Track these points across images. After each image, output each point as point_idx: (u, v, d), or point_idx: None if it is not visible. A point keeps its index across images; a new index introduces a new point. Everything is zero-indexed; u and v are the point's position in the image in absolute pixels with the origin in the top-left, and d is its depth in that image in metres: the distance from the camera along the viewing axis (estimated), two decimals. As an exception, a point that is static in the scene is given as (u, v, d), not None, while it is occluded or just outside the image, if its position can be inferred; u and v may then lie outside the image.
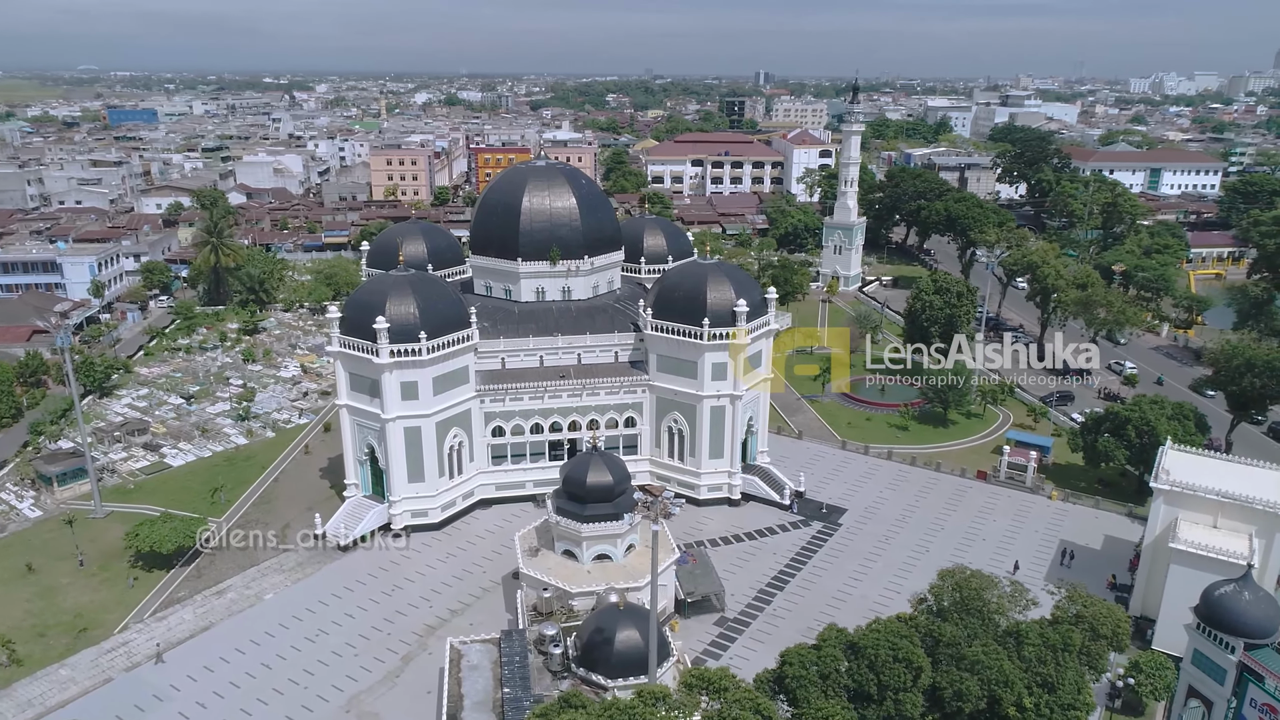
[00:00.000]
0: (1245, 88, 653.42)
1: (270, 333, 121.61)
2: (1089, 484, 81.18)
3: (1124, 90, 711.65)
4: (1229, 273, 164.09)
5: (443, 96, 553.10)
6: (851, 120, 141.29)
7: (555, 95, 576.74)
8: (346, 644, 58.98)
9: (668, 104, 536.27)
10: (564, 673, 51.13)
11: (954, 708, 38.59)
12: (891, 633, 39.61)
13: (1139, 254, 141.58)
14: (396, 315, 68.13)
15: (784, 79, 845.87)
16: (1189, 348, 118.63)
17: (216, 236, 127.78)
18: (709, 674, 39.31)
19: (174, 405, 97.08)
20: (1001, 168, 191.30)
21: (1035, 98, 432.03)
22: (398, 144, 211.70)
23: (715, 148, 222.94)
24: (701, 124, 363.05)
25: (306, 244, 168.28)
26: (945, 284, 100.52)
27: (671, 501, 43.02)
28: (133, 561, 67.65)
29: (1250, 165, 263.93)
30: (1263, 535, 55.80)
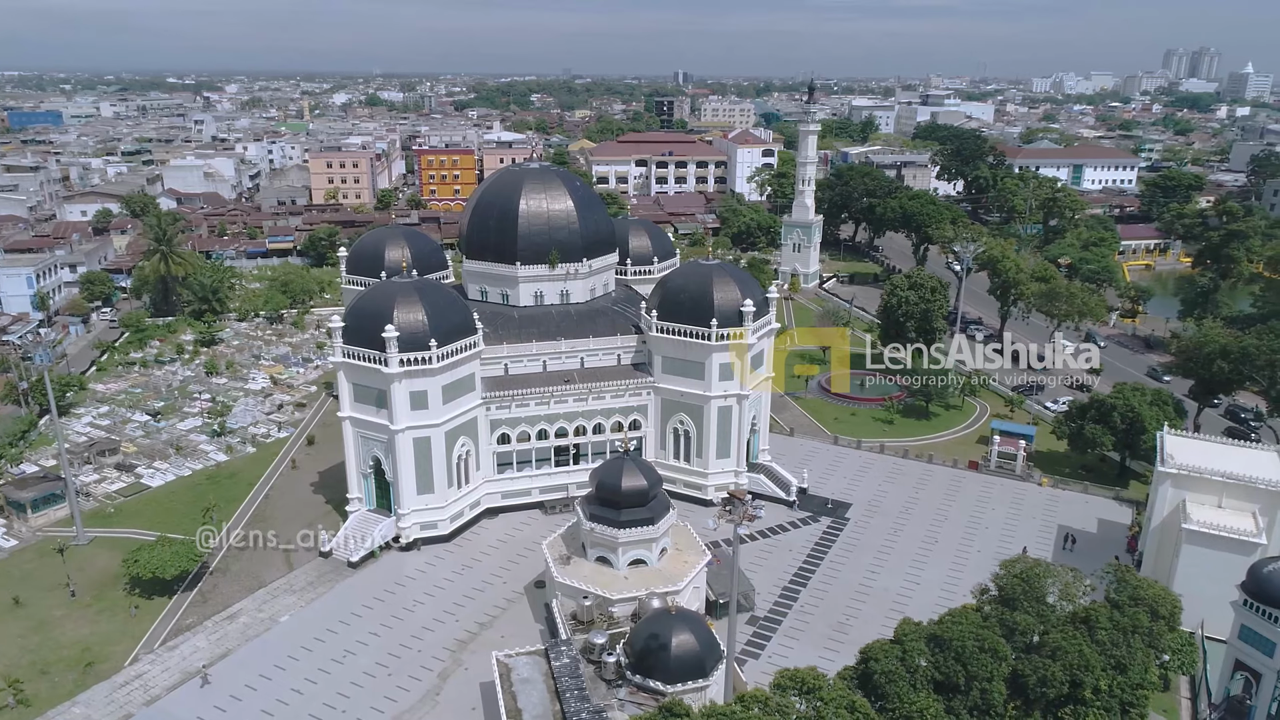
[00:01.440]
0: (1139, 87, 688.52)
1: (228, 343, 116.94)
2: (1073, 470, 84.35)
3: (1027, 90, 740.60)
4: (1157, 264, 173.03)
5: (363, 97, 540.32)
6: (808, 120, 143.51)
7: (479, 95, 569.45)
8: (378, 663, 57.21)
9: (592, 104, 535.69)
10: (619, 681, 50.66)
11: (1038, 694, 39.71)
12: (973, 623, 40.47)
13: (1079, 247, 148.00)
14: (405, 323, 66.37)
15: (703, 79, 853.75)
16: (1136, 335, 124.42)
17: (166, 244, 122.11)
18: (800, 674, 39.51)
19: (140, 422, 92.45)
20: (940, 165, 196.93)
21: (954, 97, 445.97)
22: (337, 146, 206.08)
23: (658, 148, 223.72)
24: (632, 124, 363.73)
25: (249, 250, 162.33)
26: (919, 280, 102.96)
27: (753, 505, 43.03)
28: (129, 589, 64.34)
29: (1159, 161, 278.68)
30: (1266, 513, 58.90)
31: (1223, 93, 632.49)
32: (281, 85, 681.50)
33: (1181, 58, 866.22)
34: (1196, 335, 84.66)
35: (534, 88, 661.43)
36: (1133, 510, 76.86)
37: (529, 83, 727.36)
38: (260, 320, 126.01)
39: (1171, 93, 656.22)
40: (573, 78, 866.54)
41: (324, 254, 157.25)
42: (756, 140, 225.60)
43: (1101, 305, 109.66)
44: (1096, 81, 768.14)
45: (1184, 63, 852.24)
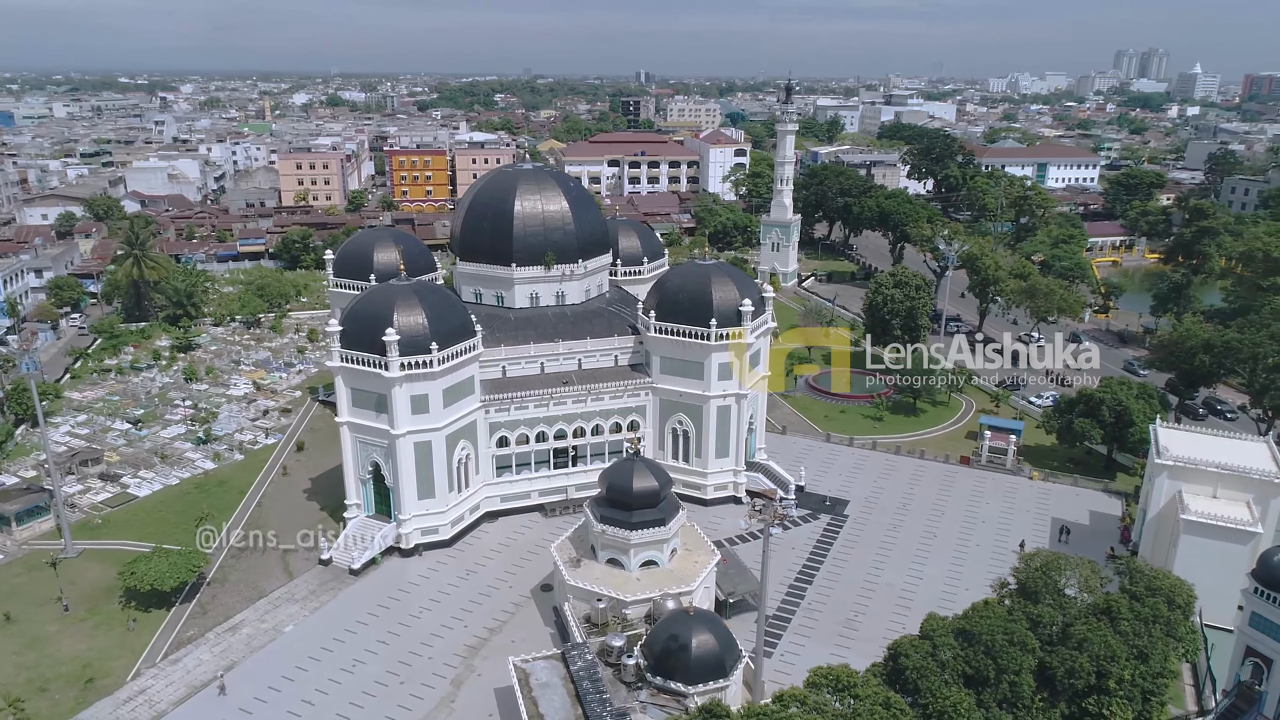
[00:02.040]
0: (1092, 87, 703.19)
1: (206, 349, 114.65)
2: (1061, 463, 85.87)
3: (984, 90, 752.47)
4: (1124, 260, 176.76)
5: (324, 97, 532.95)
6: (785, 120, 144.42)
7: (442, 95, 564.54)
8: (388, 671, 56.45)
9: (556, 104, 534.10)
10: (639, 683, 50.53)
11: (1065, 685, 40.37)
12: (1000, 617, 41.01)
13: (1049, 245, 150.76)
14: (406, 326, 65.57)
15: (665, 79, 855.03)
16: (1110, 331, 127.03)
17: (139, 248, 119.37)
18: (833, 671, 39.74)
19: (121, 431, 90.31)
20: (910, 164, 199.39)
21: (917, 97, 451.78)
22: (307, 147, 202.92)
23: (631, 148, 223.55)
24: (599, 124, 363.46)
25: (220, 254, 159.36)
26: (904, 278, 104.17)
27: (782, 505, 43.14)
28: (125, 602, 62.80)
29: (1117, 159, 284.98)
30: (1259, 502, 60.45)
31: (1173, 92, 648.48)
32: (238, 85, 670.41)
33: (1131, 58, 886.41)
34: (1178, 329, 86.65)
35: (496, 88, 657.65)
36: (1122, 502, 78.45)
37: (491, 83, 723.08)
38: (237, 325, 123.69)
39: (1123, 92, 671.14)
40: (534, 78, 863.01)
41: (298, 257, 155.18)
42: (728, 140, 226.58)
43: (1080, 301, 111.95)
44: (1050, 81, 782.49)
45: (1134, 63, 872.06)
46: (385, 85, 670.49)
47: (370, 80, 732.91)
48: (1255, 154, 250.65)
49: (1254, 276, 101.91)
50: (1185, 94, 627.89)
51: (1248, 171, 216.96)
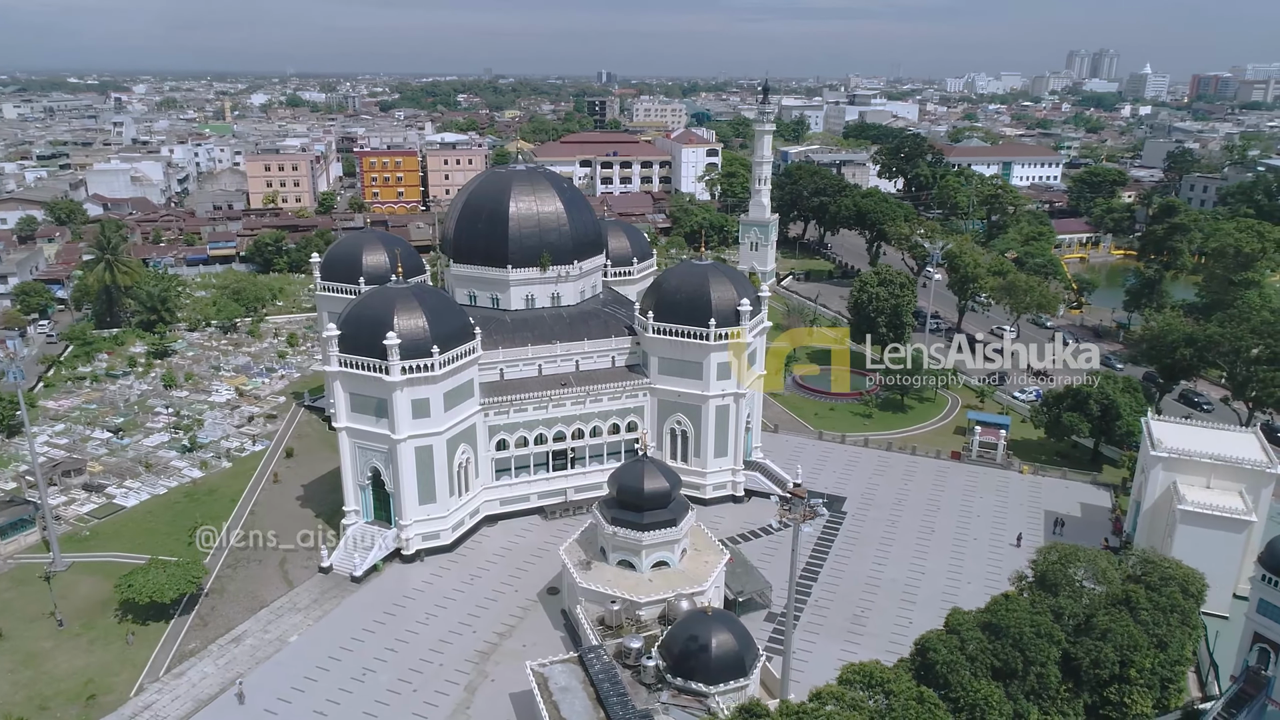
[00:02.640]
0: (1047, 87, 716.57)
1: (183, 355, 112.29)
2: (1048, 457, 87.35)
3: (942, 89, 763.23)
4: (1091, 256, 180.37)
5: (283, 98, 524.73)
6: (763, 120, 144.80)
7: (403, 96, 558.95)
8: (400, 680, 55.73)
9: (520, 104, 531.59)
10: (658, 685, 50.45)
11: (1090, 675, 41.09)
12: (1025, 609, 41.61)
13: (1020, 242, 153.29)
14: (407, 330, 64.79)
15: (627, 79, 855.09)
16: (1084, 326, 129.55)
17: (111, 253, 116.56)
18: (865, 667, 40.03)
19: (102, 440, 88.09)
20: (880, 164, 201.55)
21: (880, 97, 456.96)
22: (275, 149, 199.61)
23: (602, 148, 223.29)
24: (565, 124, 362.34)
25: (189, 257, 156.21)
26: (888, 276, 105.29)
27: (812, 503, 43.37)
28: (121, 615, 61.30)
29: (1077, 158, 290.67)
30: (1251, 491, 62.04)
31: (1124, 92, 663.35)
32: (193, 85, 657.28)
33: (1083, 59, 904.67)
34: (1160, 324, 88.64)
35: (458, 88, 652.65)
36: (1110, 493, 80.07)
37: (453, 83, 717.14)
38: (212, 330, 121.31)
39: (1077, 92, 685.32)
40: (495, 78, 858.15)
41: (270, 260, 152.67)
42: (700, 140, 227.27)
43: (1058, 297, 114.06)
44: (1006, 81, 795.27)
45: (1086, 63, 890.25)
46: (345, 86, 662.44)
47: (329, 81, 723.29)
48: (1210, 152, 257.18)
49: (1225, 272, 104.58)
50: (1136, 94, 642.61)
51: (1204, 169, 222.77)
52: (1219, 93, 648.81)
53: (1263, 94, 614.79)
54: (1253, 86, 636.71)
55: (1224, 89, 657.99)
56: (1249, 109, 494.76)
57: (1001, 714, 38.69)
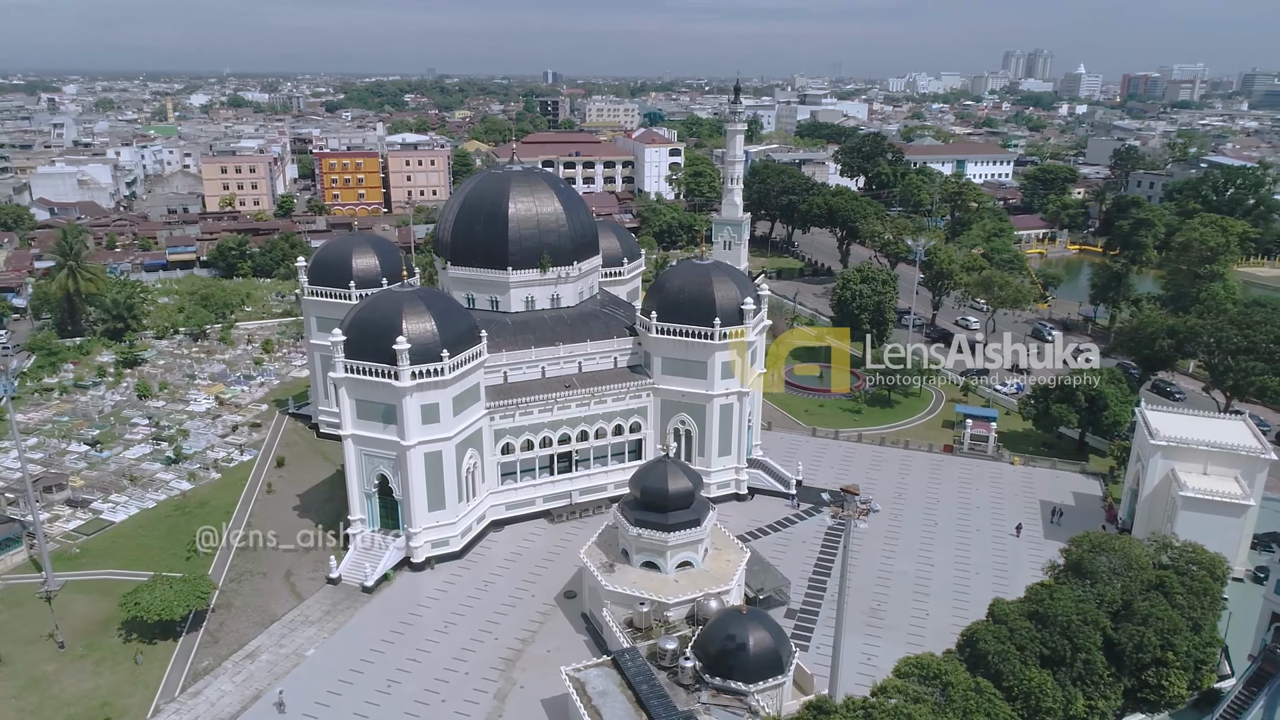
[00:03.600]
0: (987, 87, 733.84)
1: (154, 363, 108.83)
2: (1035, 448, 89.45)
3: (885, 89, 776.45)
4: (1049, 251, 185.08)
5: (224, 98, 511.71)
6: (734, 119, 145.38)
7: (349, 96, 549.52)
8: (427, 690, 54.78)
9: (468, 104, 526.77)
10: (696, 685, 50.44)
11: (1134, 660, 42.19)
12: (1070, 598, 42.54)
13: (984, 238, 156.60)
14: (416, 334, 63.68)
15: (573, 79, 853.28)
16: (1053, 319, 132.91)
17: (73, 259, 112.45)
18: (921, 660, 40.53)
19: (80, 453, 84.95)
20: (842, 162, 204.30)
21: (830, 96, 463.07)
22: (231, 150, 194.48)
23: (565, 148, 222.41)
24: (518, 124, 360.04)
25: (147, 263, 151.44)
26: (870, 273, 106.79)
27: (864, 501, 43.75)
28: (125, 634, 59.20)
29: (1024, 156, 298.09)
30: (1246, 476, 64.33)
31: (1060, 91, 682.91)
32: (127, 86, 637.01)
33: (1019, 59, 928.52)
34: (1139, 317, 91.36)
35: (404, 88, 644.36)
36: (1099, 482, 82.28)
37: (398, 83, 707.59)
38: (182, 337, 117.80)
39: (1015, 92, 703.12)
40: (440, 78, 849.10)
41: (234, 264, 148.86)
42: (662, 140, 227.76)
43: (1034, 292, 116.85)
44: (946, 81, 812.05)
45: (1021, 64, 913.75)
46: (286, 85, 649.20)
47: (270, 80, 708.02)
48: (1151, 149, 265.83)
49: (1190, 266, 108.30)
50: (1071, 93, 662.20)
51: (1147, 166, 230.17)
52: (1148, 92, 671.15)
53: (1189, 93, 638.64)
54: (1179, 86, 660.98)
55: (1152, 88, 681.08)
56: (1180, 107, 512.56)
57: (1055, 701, 39.54)
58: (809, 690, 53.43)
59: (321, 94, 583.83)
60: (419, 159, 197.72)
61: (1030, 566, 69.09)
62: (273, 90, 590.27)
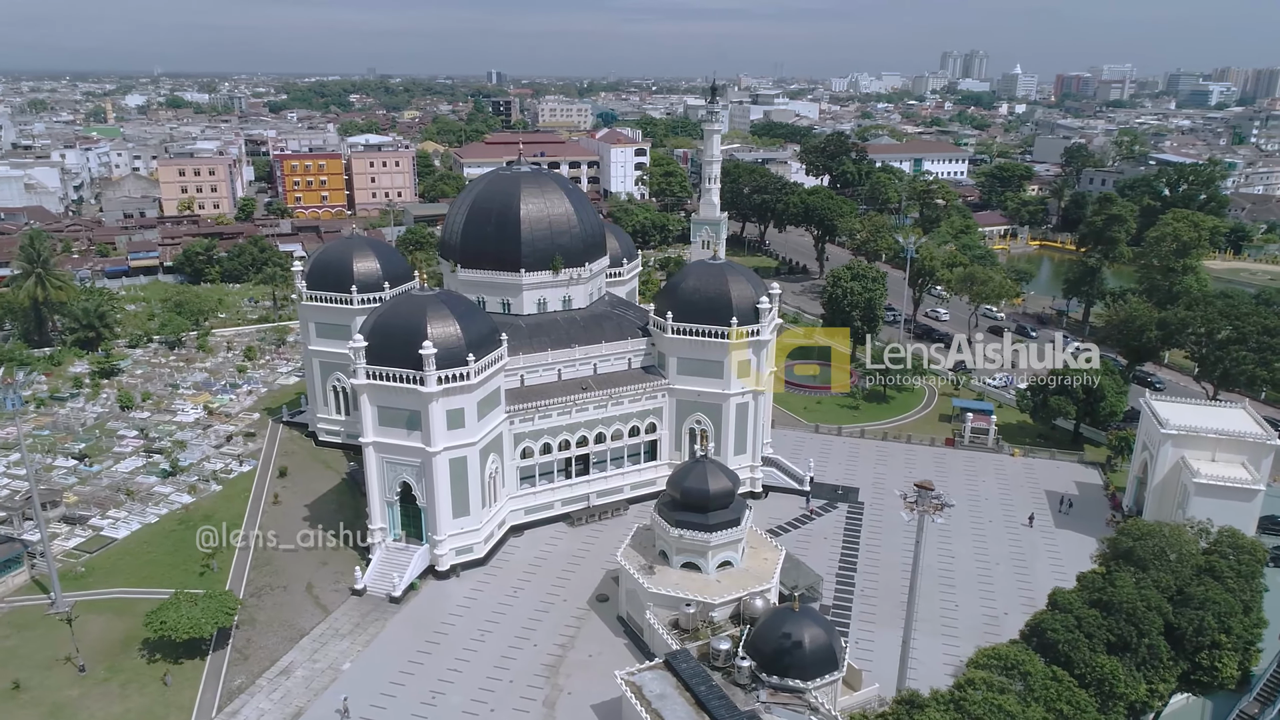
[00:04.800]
0: (928, 87, 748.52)
1: (131, 373, 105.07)
2: (1031, 439, 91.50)
3: (828, 89, 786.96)
4: (1011, 247, 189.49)
5: (161, 98, 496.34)
6: (712, 119, 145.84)
7: (291, 96, 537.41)
8: (474, 700, 53.87)
9: (415, 104, 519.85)
10: (753, 684, 50.46)
11: (1194, 642, 43.44)
12: (1131, 585, 43.61)
13: (953, 235, 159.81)
14: (441, 338, 62.55)
15: (518, 79, 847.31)
16: (1028, 314, 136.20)
17: (41, 266, 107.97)
18: (999, 651, 41.14)
19: (68, 468, 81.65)
20: (807, 162, 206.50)
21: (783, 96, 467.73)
22: (190, 153, 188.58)
23: (529, 149, 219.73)
24: (471, 125, 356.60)
25: (108, 269, 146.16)
26: (860, 270, 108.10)
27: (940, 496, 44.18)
28: (147, 655, 57.08)
29: (974, 154, 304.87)
30: (1253, 462, 66.70)
31: (998, 91, 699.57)
32: (55, 86, 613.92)
33: (956, 59, 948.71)
34: (1125, 309, 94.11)
35: (347, 88, 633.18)
36: (1099, 471, 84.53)
37: (341, 82, 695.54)
38: (157, 346, 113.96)
39: (954, 91, 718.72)
40: (382, 77, 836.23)
41: (201, 270, 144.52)
42: (628, 140, 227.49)
43: (1014, 287, 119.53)
44: (887, 81, 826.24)
45: (958, 64, 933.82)
46: (225, 86, 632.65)
47: (206, 80, 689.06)
48: (1098, 147, 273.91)
49: (1163, 260, 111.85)
50: (1009, 93, 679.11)
51: (1094, 164, 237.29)
52: (1080, 91, 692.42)
53: (1119, 93, 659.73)
54: (1110, 86, 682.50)
55: (1084, 88, 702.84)
56: (1114, 106, 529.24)
57: (1127, 686, 40.52)
58: (857, 686, 54.00)
59: (263, 94, 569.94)
60: (383, 160, 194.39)
61: (1047, 555, 70.99)
62: (211, 90, 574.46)
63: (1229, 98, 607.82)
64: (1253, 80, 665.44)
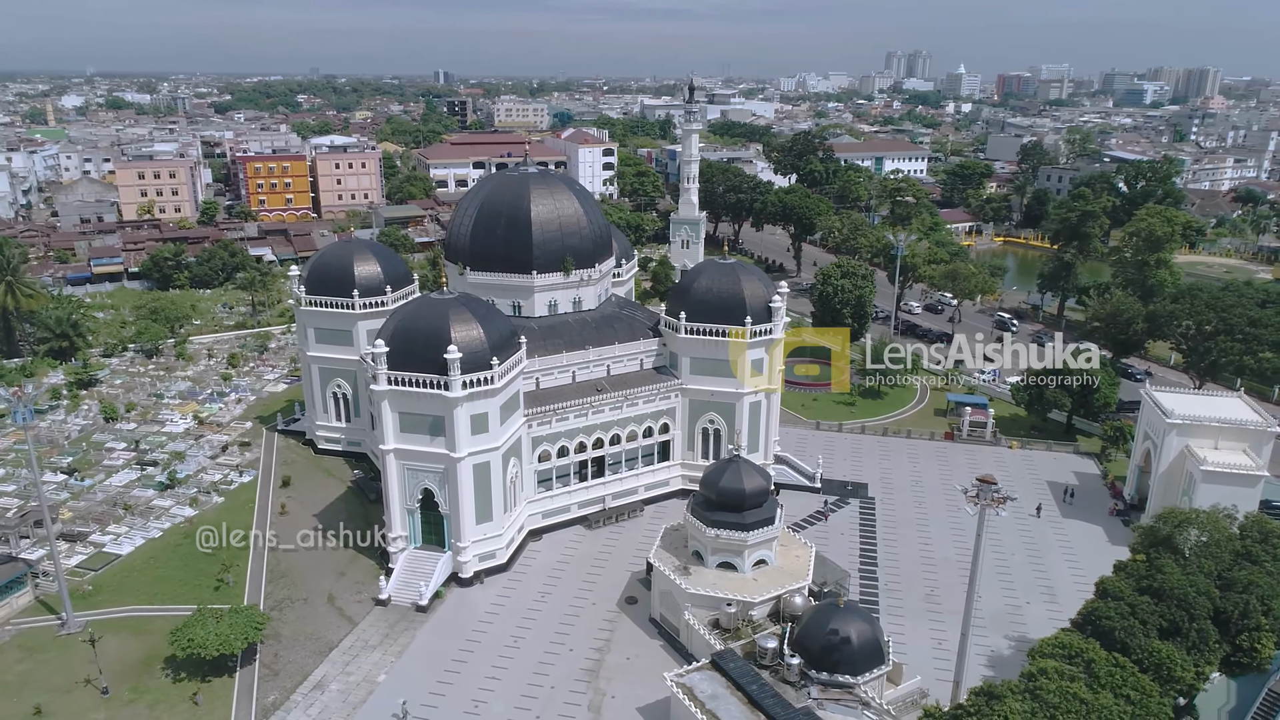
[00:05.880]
0: (875, 86, 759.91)
1: (110, 383, 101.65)
2: (1025, 431, 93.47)
3: (777, 88, 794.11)
4: (976, 243, 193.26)
5: (101, 99, 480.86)
6: (690, 119, 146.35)
7: (236, 97, 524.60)
8: (518, 708, 53.28)
9: (365, 104, 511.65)
10: (802, 681, 50.69)
11: (1239, 626, 44.81)
12: (1178, 572, 44.82)
13: (924, 232, 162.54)
14: (465, 341, 61.66)
15: (466, 79, 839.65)
16: (1004, 308, 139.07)
17: (11, 274, 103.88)
18: (1062, 639, 41.93)
19: (58, 483, 78.71)
20: (776, 161, 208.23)
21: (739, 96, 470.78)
22: (149, 155, 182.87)
23: (495, 149, 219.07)
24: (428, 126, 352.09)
25: (70, 276, 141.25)
26: (850, 268, 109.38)
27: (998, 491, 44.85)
28: (172, 674, 55.33)
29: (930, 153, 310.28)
30: (1254, 448, 69.03)
31: (943, 90, 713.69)
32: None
33: (900, 59, 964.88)
34: (1112, 303, 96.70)
35: (293, 88, 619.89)
36: (1095, 461, 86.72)
37: (286, 82, 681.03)
38: (133, 355, 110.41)
39: (901, 90, 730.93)
40: (326, 77, 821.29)
41: (169, 275, 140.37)
42: (595, 140, 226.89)
43: (995, 282, 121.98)
44: (834, 81, 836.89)
45: (902, 64, 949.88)
46: (164, 86, 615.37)
47: (145, 81, 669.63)
48: (1048, 144, 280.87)
49: (1137, 254, 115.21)
50: (954, 92, 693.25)
51: (1049, 161, 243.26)
52: (1022, 91, 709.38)
53: (1059, 92, 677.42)
54: (1049, 85, 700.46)
55: (1025, 87, 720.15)
56: (1056, 105, 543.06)
57: (1184, 670, 41.67)
58: (898, 680, 54.56)
59: (206, 95, 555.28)
60: (349, 161, 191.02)
61: (1058, 545, 72.71)
62: (152, 91, 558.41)
63: (1162, 96, 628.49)
64: (1184, 80, 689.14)
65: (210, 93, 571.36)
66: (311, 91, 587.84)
